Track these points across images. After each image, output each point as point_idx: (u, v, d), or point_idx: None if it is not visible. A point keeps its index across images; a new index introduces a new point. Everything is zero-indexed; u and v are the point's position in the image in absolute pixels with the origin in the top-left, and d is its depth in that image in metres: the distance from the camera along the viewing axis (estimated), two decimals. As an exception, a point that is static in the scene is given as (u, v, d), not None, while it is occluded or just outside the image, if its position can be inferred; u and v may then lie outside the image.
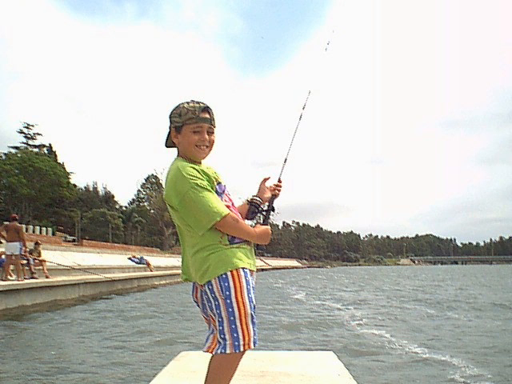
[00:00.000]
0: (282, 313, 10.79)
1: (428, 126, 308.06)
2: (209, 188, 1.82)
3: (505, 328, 8.54)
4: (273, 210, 2.10)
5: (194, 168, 1.84)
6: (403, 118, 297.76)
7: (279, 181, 2.18)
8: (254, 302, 1.84)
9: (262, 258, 75.17)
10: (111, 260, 25.77)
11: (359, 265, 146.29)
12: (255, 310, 1.83)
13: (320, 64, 2.39)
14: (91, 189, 67.08)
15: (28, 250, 13.36)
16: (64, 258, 19.71)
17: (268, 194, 2.13)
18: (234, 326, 1.77)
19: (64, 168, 47.32)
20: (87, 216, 56.39)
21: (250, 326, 1.79)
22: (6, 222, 13.49)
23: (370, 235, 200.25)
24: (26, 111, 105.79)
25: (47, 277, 13.75)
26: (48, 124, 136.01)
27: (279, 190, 2.16)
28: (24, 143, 47.83)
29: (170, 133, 1.96)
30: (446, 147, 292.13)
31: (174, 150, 1.99)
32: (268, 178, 2.17)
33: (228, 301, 1.77)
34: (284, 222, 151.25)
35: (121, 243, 46.63)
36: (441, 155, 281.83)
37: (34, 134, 48.13)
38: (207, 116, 1.90)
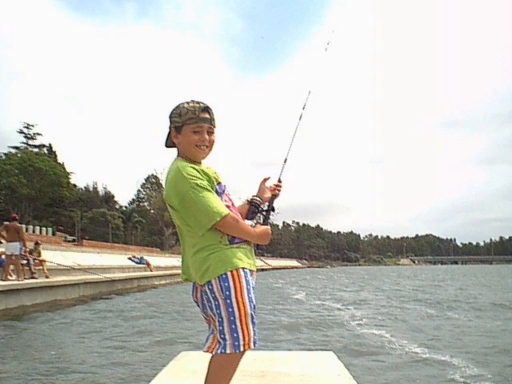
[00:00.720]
0: (282, 313, 10.79)
1: (428, 126, 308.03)
2: (209, 188, 1.82)
3: (505, 328, 8.54)
4: (273, 209, 2.10)
5: (194, 168, 1.84)
6: (403, 117, 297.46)
7: (279, 181, 2.18)
8: (254, 302, 1.84)
9: (262, 258, 75.15)
10: (111, 260, 25.77)
11: (359, 265, 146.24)
12: (255, 310, 1.83)
13: (320, 64, 2.39)
14: (91, 189, 67.09)
15: (28, 250, 13.37)
16: (64, 257, 19.72)
17: (268, 194, 2.13)
18: (233, 326, 1.77)
19: (64, 168, 47.36)
20: (87, 216, 56.40)
21: (250, 326, 1.79)
22: (6, 222, 13.49)
23: (370, 235, 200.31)
24: (26, 111, 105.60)
25: (47, 277, 13.75)
26: (48, 124, 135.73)
27: (279, 190, 2.16)
28: (24, 143, 47.82)
29: (169, 133, 1.96)
30: (446, 147, 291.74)
31: (174, 150, 1.99)
32: (268, 178, 2.17)
33: (228, 301, 1.77)
34: (284, 222, 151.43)
35: (121, 243, 46.62)
36: (441, 155, 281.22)
37: (34, 133, 48.12)
38: (207, 116, 1.90)
